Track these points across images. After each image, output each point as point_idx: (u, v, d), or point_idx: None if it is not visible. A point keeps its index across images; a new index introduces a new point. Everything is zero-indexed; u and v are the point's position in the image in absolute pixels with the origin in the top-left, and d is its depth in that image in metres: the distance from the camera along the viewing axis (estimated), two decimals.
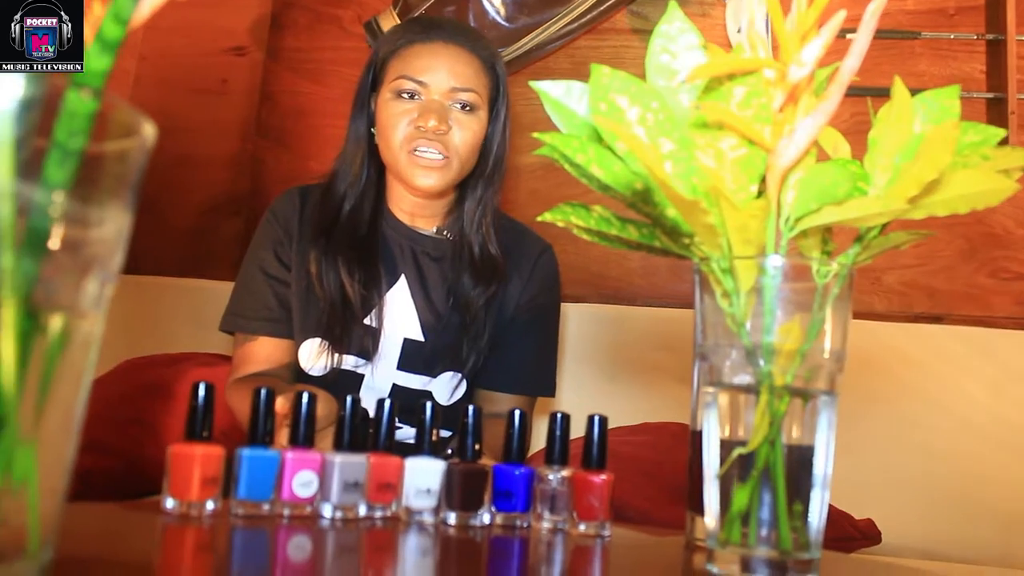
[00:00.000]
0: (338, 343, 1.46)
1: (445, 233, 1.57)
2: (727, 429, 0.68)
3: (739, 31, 2.03)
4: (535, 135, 0.70)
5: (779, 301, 0.65)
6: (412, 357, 1.49)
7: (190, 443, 0.75)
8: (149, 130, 0.44)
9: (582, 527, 0.82)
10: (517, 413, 0.85)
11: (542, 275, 1.62)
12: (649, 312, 2.04)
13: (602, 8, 2.12)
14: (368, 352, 1.48)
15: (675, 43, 0.66)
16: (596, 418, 0.85)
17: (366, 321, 1.48)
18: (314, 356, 1.46)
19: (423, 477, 0.81)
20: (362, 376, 1.49)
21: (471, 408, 0.84)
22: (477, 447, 0.83)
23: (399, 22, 2.09)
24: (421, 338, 1.50)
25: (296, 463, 0.77)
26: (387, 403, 0.84)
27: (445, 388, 1.51)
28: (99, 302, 0.44)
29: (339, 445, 0.80)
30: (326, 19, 2.41)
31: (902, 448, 1.82)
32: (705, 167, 0.64)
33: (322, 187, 1.56)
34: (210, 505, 0.75)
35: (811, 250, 0.70)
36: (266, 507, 0.77)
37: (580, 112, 0.71)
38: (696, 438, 0.83)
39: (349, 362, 1.48)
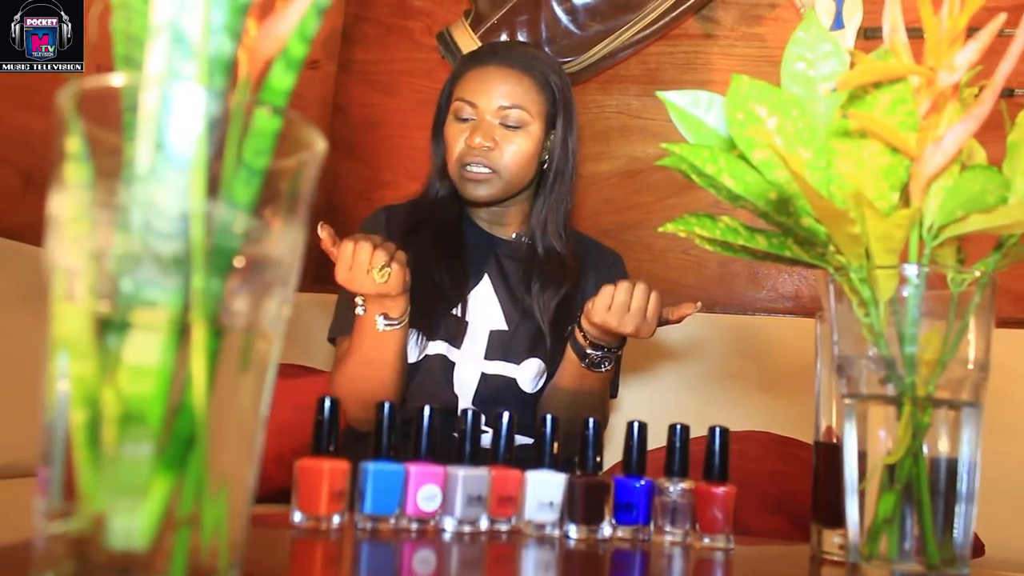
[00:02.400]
0: (429, 329, 1.54)
1: (523, 239, 1.68)
2: (867, 441, 0.67)
3: (831, 31, 2.01)
4: (664, 145, 0.70)
5: (920, 311, 0.64)
6: (498, 346, 1.57)
7: (317, 457, 0.75)
8: (322, 145, 0.44)
9: (706, 540, 0.81)
10: (636, 425, 0.84)
11: (617, 278, 1.66)
12: (727, 320, 2.03)
13: (673, 15, 2.11)
14: (456, 339, 1.56)
15: (812, 51, 0.65)
16: (717, 429, 0.84)
17: (454, 312, 1.57)
18: (408, 344, 1.53)
19: (545, 490, 0.81)
20: (453, 364, 1.55)
21: (591, 421, 0.83)
22: (598, 459, 0.83)
23: (471, 33, 2.09)
24: (505, 327, 1.58)
25: (420, 477, 0.77)
26: (506, 416, 0.83)
27: (529, 376, 1.57)
28: (278, 321, 0.44)
29: (460, 458, 0.80)
30: (396, 31, 2.43)
31: (1000, 460, 1.79)
32: (845, 176, 0.62)
33: (409, 202, 1.69)
34: (336, 519, 0.75)
35: (947, 259, 0.68)
36: (392, 521, 0.77)
37: (708, 122, 0.70)
38: (822, 450, 0.82)
39: (440, 348, 1.55)
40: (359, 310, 1.41)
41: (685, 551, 0.80)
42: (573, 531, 0.81)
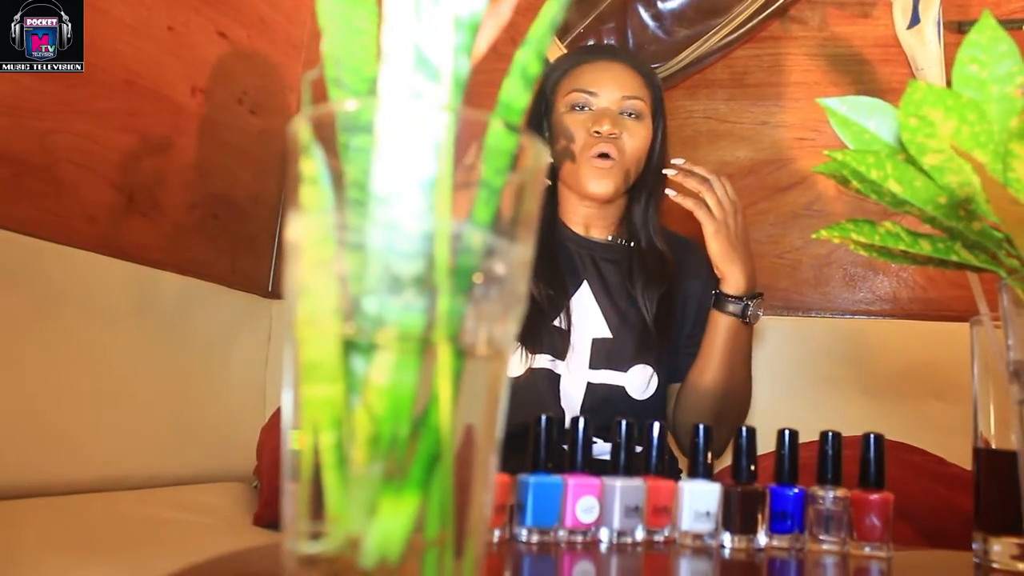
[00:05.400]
0: (532, 343, 1.53)
1: (620, 240, 1.68)
2: None
3: (907, 28, 1.99)
4: (826, 152, 0.69)
5: None
6: (602, 355, 1.56)
7: None
8: (546, 159, 0.44)
9: (865, 549, 0.81)
10: (787, 433, 0.84)
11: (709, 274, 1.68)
12: (824, 323, 2.01)
13: (760, 17, 2.09)
14: (560, 351, 1.54)
15: (986, 52, 0.64)
16: (872, 436, 0.83)
17: (555, 323, 1.55)
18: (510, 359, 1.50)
19: (701, 500, 0.80)
20: (558, 376, 1.54)
21: (744, 429, 0.83)
22: (752, 468, 0.82)
23: (557, 42, 2.09)
24: (609, 335, 1.57)
25: (578, 489, 0.77)
26: (656, 427, 0.83)
27: (638, 382, 1.56)
28: (511, 340, 0.44)
29: (615, 469, 0.80)
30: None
31: None
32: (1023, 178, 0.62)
33: None
34: (498, 532, 0.75)
35: None
36: (554, 533, 0.77)
37: (870, 127, 0.70)
38: (983, 456, 0.81)
39: (544, 361, 1.53)
40: None
41: (842, 560, 0.80)
42: (728, 540, 0.81)
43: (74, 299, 1.46)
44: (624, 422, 0.81)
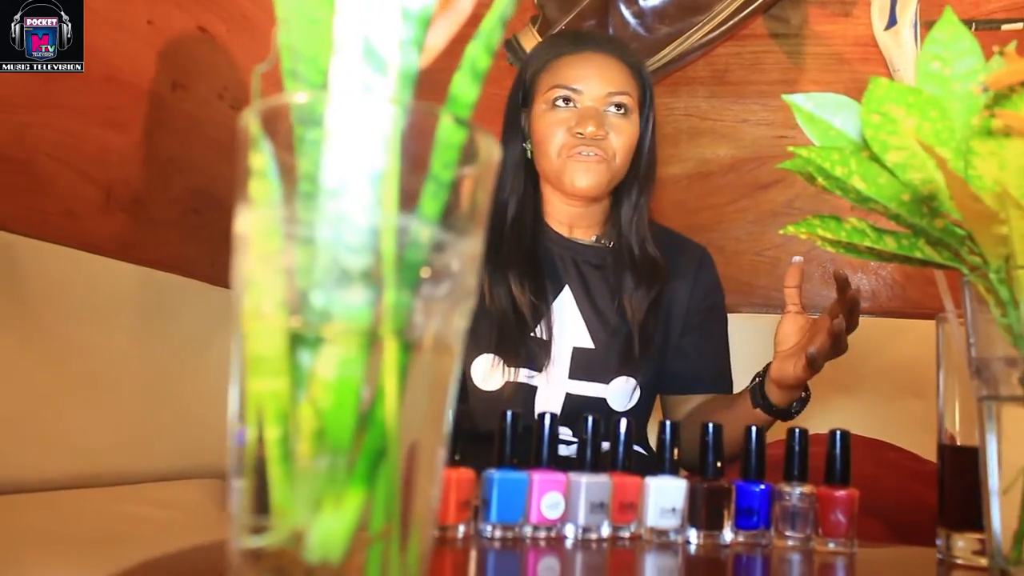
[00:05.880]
0: (510, 356, 1.47)
1: (603, 241, 1.60)
2: (1007, 443, 0.66)
3: (885, 30, 1.99)
4: (792, 148, 0.69)
5: None
6: (583, 365, 1.50)
7: (444, 467, 0.75)
8: (498, 153, 0.44)
9: (830, 544, 0.81)
10: (754, 430, 0.84)
11: (708, 275, 1.65)
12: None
13: (742, 15, 2.10)
14: (539, 363, 1.48)
15: (948, 50, 0.64)
16: (837, 433, 0.84)
17: (535, 333, 1.49)
18: (487, 371, 1.48)
19: (666, 496, 0.80)
20: (535, 388, 1.49)
21: (711, 427, 0.83)
22: (719, 464, 0.82)
23: (539, 39, 2.09)
24: (591, 345, 1.50)
25: (544, 484, 0.77)
26: (624, 423, 0.83)
27: (620, 395, 1.51)
28: (460, 335, 0.44)
29: (582, 466, 0.80)
30: (462, 40, 2.42)
31: None
32: (986, 176, 0.62)
33: None
34: (462, 528, 0.75)
35: None
36: (517, 529, 0.77)
37: (836, 124, 0.70)
38: (948, 453, 0.81)
39: (522, 375, 1.48)
40: None
41: (807, 555, 0.80)
42: (694, 536, 0.81)
43: (51, 295, 1.45)
44: (591, 418, 0.81)
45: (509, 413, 0.78)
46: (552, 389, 1.49)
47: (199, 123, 1.96)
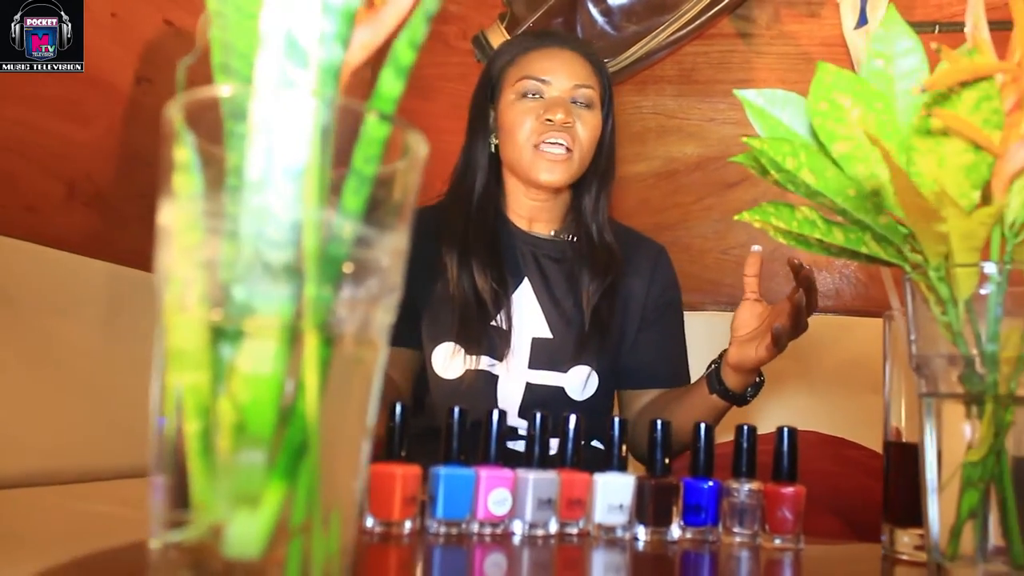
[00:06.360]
0: (471, 344, 1.50)
1: (562, 236, 1.63)
2: (945, 439, 0.66)
3: (855, 28, 2.00)
4: (744, 139, 0.70)
5: (1001, 308, 0.63)
6: (542, 355, 1.53)
7: (389, 463, 0.75)
8: (424, 149, 0.44)
9: (776, 541, 0.81)
10: (703, 427, 0.84)
11: (664, 272, 1.68)
12: None
13: (709, 14, 2.10)
14: (500, 353, 1.51)
15: (890, 47, 0.64)
16: (785, 430, 0.84)
17: (495, 322, 1.52)
18: (448, 359, 1.50)
19: (614, 492, 0.81)
20: (496, 377, 1.51)
21: (659, 423, 0.83)
22: (667, 461, 0.82)
23: (507, 36, 2.09)
24: (549, 335, 1.53)
25: (491, 481, 0.77)
26: (572, 419, 0.83)
27: (577, 383, 1.53)
28: (384, 330, 0.44)
29: (530, 462, 0.80)
30: (431, 36, 2.39)
31: None
32: (926, 173, 0.62)
33: (441, 203, 1.63)
34: (408, 524, 0.75)
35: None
36: (464, 525, 0.77)
37: (784, 120, 0.70)
38: (893, 450, 0.82)
39: (483, 363, 1.51)
40: None
41: (754, 552, 0.80)
42: (642, 533, 0.81)
43: (11, 290, 1.44)
44: (539, 414, 0.81)
45: (457, 409, 0.78)
46: (512, 379, 1.51)
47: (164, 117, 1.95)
